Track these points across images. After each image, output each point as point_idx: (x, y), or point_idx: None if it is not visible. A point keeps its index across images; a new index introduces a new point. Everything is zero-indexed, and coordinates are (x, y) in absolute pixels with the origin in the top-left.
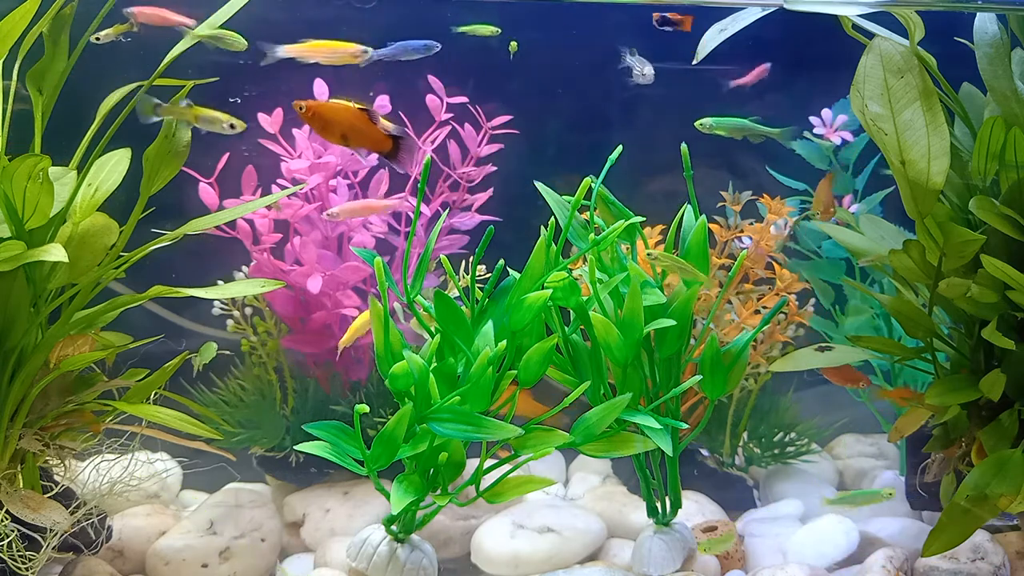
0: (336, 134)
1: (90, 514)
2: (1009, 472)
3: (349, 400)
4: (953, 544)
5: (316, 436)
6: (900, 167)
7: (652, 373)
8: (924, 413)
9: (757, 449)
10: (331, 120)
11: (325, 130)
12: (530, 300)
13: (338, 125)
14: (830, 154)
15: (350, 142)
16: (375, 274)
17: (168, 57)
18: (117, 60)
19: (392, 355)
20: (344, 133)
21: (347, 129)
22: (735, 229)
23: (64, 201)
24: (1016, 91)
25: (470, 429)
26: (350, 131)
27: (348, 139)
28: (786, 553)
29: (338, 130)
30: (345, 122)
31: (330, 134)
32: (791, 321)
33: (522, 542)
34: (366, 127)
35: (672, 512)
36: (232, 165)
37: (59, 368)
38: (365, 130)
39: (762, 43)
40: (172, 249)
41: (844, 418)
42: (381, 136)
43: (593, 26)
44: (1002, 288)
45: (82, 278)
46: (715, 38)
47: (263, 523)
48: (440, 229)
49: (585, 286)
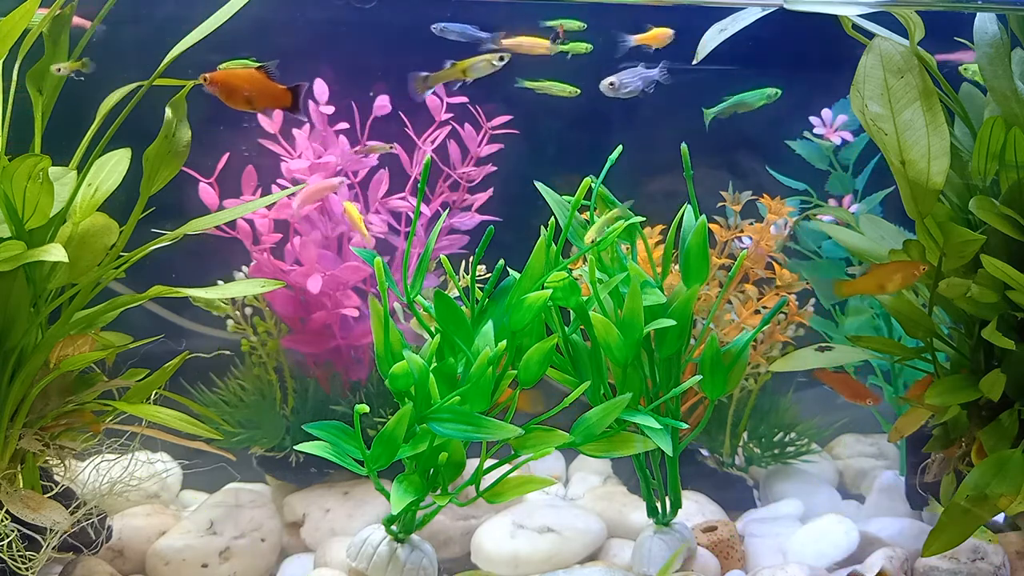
0: (241, 99)
1: (90, 514)
2: (1009, 472)
3: (349, 400)
4: (953, 544)
5: (316, 436)
6: (900, 167)
7: (652, 373)
8: (924, 413)
9: (757, 449)
10: (234, 86)
11: (231, 98)
12: (530, 300)
13: (241, 89)
14: (830, 154)
15: (255, 104)
16: (375, 274)
17: (168, 57)
18: (117, 60)
19: (392, 355)
20: (248, 96)
21: (249, 91)
22: (735, 229)
23: (64, 201)
24: (1016, 91)
25: (470, 429)
26: (252, 92)
27: (253, 101)
28: (786, 553)
29: (241, 95)
30: (246, 85)
31: (236, 100)
32: (791, 321)
33: (522, 542)
34: (265, 85)
35: (672, 512)
36: (232, 165)
37: (59, 368)
38: (265, 88)
39: (762, 43)
40: (172, 249)
41: (844, 418)
42: (280, 91)
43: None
44: (1002, 288)
45: (82, 278)
46: (715, 38)
47: (263, 523)
48: (440, 229)
49: (585, 286)
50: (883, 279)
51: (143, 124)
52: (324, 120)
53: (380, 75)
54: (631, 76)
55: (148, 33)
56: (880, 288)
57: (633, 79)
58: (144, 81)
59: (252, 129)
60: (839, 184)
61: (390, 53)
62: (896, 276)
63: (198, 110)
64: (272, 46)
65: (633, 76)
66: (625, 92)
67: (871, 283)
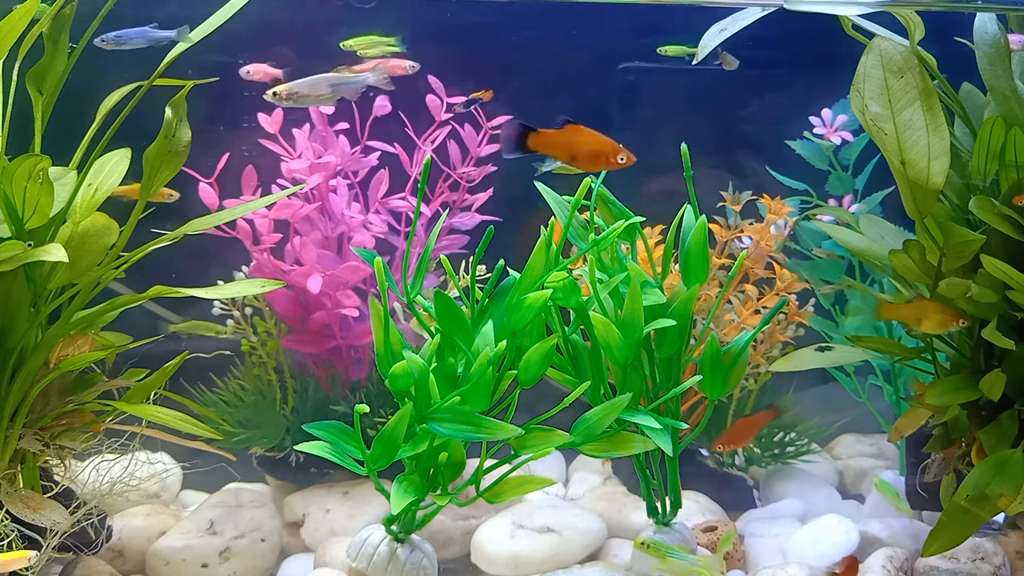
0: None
1: (90, 514)
2: (1009, 472)
3: (349, 400)
4: (953, 544)
5: (316, 436)
6: (900, 167)
7: (652, 373)
8: (924, 413)
9: (757, 449)
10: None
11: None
12: (530, 300)
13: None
14: (830, 154)
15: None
16: (375, 274)
17: (168, 57)
18: (117, 60)
19: (392, 355)
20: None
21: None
22: (735, 229)
23: (64, 201)
24: (1016, 91)
25: (470, 429)
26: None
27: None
28: (786, 553)
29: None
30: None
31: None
32: (791, 321)
33: (522, 542)
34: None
35: (672, 512)
36: (232, 165)
37: (59, 368)
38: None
39: (762, 42)
40: (172, 249)
41: (844, 418)
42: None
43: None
44: (1002, 288)
45: (82, 278)
46: (715, 38)
47: (263, 523)
48: (440, 229)
49: (585, 286)
50: (923, 314)
51: (143, 124)
52: (324, 120)
53: None
54: (137, 34)
55: None
56: (917, 322)
57: (137, 36)
58: (144, 81)
59: (252, 129)
60: (839, 184)
61: None
62: (935, 316)
63: (198, 110)
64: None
65: (138, 34)
66: (125, 45)
67: (911, 313)
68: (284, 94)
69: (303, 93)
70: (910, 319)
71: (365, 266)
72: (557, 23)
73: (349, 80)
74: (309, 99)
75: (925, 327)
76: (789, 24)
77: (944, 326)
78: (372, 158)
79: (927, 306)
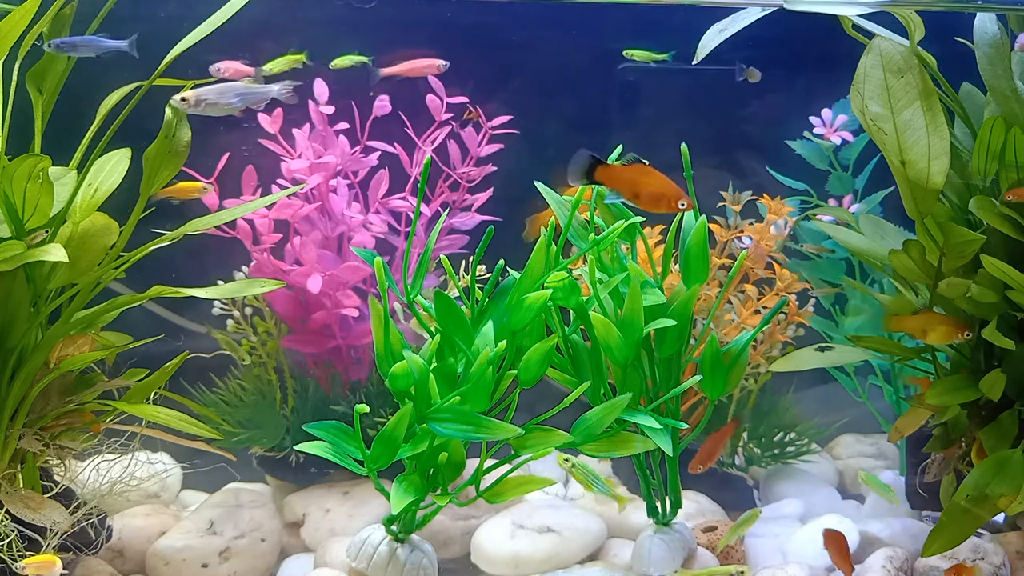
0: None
1: (90, 514)
2: (1009, 472)
3: (349, 400)
4: (953, 544)
5: (316, 436)
6: (900, 167)
7: (652, 373)
8: (924, 413)
9: (757, 449)
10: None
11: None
12: (530, 300)
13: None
14: (830, 154)
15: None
16: (375, 274)
17: (168, 57)
18: (117, 60)
19: (392, 355)
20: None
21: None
22: (735, 229)
23: (64, 201)
24: (1016, 91)
25: (470, 429)
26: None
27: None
28: (786, 553)
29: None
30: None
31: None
32: (791, 321)
33: (522, 542)
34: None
35: (672, 512)
36: (232, 165)
37: (59, 368)
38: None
39: (762, 42)
40: (172, 249)
41: (844, 418)
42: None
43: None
44: (1002, 288)
45: (82, 278)
46: (715, 38)
47: (263, 523)
48: (440, 229)
49: (585, 286)
50: (928, 325)
51: (143, 124)
52: (324, 120)
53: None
54: (84, 41)
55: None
56: (923, 333)
57: (84, 44)
58: (144, 81)
59: (252, 129)
60: (839, 184)
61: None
62: (941, 328)
63: None
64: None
65: (86, 42)
66: (73, 53)
67: (917, 325)
68: (192, 100)
69: (211, 101)
70: (916, 331)
71: (365, 266)
72: (557, 23)
73: (255, 91)
74: (217, 107)
75: (931, 339)
76: (789, 24)
77: (949, 337)
78: (372, 158)
79: (932, 318)
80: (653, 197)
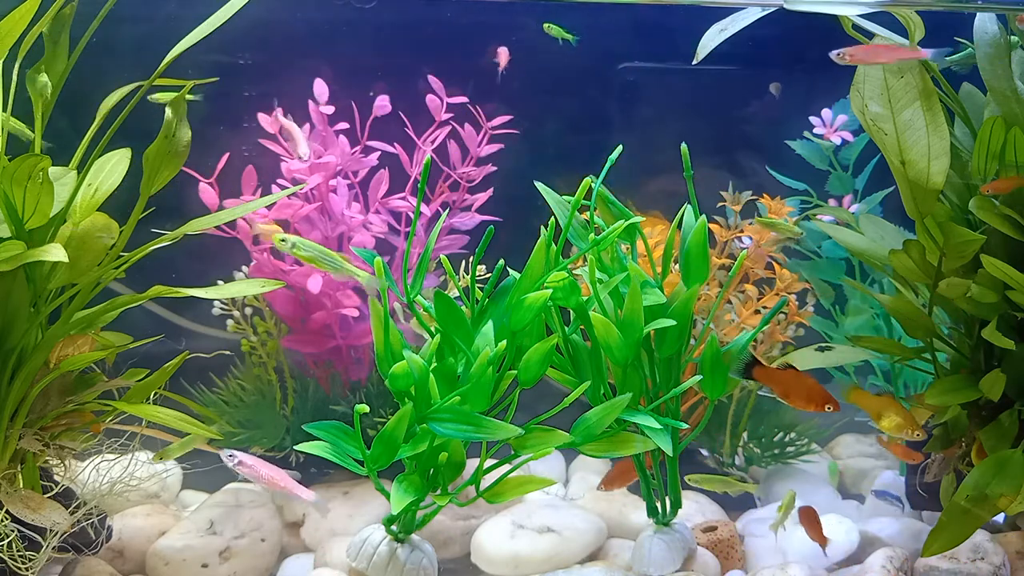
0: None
1: (90, 514)
2: (1009, 472)
3: (349, 400)
4: (953, 544)
5: (316, 436)
6: (900, 167)
7: (652, 373)
8: (924, 413)
9: (757, 449)
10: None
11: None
12: (530, 300)
13: None
14: (830, 154)
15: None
16: (375, 274)
17: (168, 57)
18: (118, 60)
19: (392, 355)
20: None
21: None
22: (735, 229)
23: (64, 201)
24: (1016, 91)
25: (470, 429)
26: None
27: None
28: (786, 553)
29: None
30: None
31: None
32: (791, 321)
33: (522, 542)
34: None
35: (672, 512)
36: (232, 165)
37: (59, 368)
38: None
39: (762, 42)
40: (172, 249)
41: (844, 418)
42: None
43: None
44: (1002, 288)
45: (82, 278)
46: (715, 38)
47: (263, 523)
48: (440, 229)
49: (585, 286)
50: (884, 411)
51: (143, 124)
52: (324, 120)
53: (380, 75)
54: None
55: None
56: (877, 416)
57: None
58: (144, 81)
59: (252, 129)
60: (839, 184)
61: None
62: (895, 418)
63: (198, 110)
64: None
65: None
66: None
67: (874, 405)
68: None
69: None
70: (871, 411)
71: (365, 266)
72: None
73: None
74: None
75: (882, 425)
76: (789, 24)
77: (899, 430)
78: (372, 158)
79: (891, 406)
80: (802, 399)
